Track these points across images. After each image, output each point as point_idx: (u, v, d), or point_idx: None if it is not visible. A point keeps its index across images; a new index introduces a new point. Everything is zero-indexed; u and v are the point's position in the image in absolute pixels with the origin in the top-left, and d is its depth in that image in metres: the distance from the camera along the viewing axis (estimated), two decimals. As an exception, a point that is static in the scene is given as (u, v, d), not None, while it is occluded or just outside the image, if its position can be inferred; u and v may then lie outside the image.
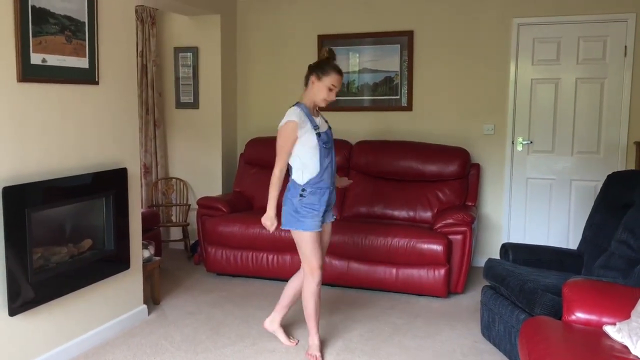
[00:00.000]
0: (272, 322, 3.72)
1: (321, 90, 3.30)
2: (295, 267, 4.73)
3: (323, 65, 3.32)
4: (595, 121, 5.12)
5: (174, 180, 6.02)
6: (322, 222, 3.39)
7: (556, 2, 5.08)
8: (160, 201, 5.99)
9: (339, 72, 3.34)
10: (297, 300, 3.66)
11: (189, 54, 5.88)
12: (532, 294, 3.12)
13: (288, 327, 3.89)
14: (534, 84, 5.25)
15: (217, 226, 4.96)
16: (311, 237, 3.32)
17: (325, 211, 3.40)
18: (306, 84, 3.39)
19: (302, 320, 3.80)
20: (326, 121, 3.48)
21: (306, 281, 3.41)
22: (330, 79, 3.28)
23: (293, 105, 3.33)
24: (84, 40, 3.40)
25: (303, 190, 3.29)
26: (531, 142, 5.31)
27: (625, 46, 4.96)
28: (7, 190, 2.91)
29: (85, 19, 3.39)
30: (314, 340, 3.48)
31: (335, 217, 3.62)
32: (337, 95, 3.39)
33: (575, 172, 5.22)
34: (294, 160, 3.33)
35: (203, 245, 5.12)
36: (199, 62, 5.85)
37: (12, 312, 2.99)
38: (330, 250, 4.69)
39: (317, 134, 3.27)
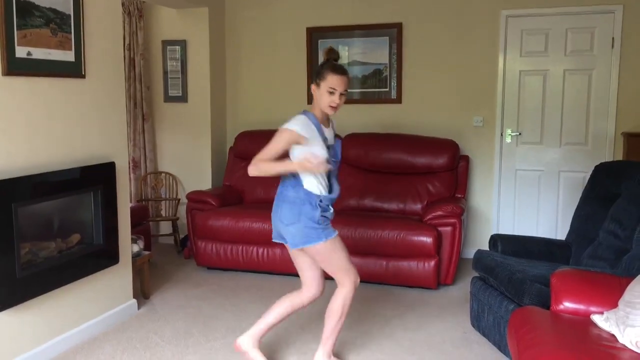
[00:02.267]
0: (249, 341, 3.22)
1: (322, 96, 2.96)
2: (285, 259, 4.73)
3: (319, 69, 3.00)
4: (583, 112, 5.15)
5: (163, 174, 6.00)
6: None
7: (544, -7, 5.09)
8: (150, 195, 5.97)
9: (339, 71, 2.97)
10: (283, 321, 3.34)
11: (177, 47, 5.84)
12: (520, 284, 3.14)
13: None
14: (522, 76, 5.27)
15: (207, 220, 4.95)
16: (339, 241, 3.05)
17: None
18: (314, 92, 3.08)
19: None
20: (335, 134, 3.18)
21: (350, 291, 3.09)
22: (327, 82, 2.93)
23: (300, 113, 3.01)
24: (70, 33, 3.37)
25: (320, 201, 2.97)
26: (520, 134, 5.33)
27: (613, 38, 4.98)
28: (-7, 185, 2.88)
29: (70, 11, 3.36)
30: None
31: None
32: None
33: (563, 163, 5.25)
34: (308, 174, 2.97)
35: (193, 240, 5.11)
36: (188, 55, 5.81)
37: (0, 307, 2.96)
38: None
39: (327, 146, 2.98)
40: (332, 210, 3.07)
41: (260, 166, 2.91)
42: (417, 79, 5.51)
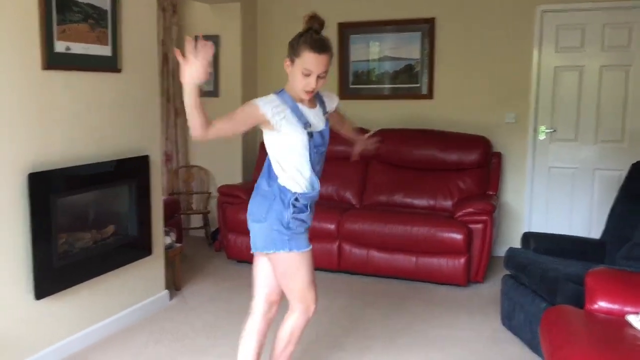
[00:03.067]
0: None
1: (296, 77, 2.36)
2: (315, 254, 4.78)
3: (295, 41, 2.39)
4: (620, 109, 5.03)
5: (194, 168, 6.07)
6: None
7: (581, -12, 5.00)
8: (181, 189, 6.04)
9: (318, 48, 2.33)
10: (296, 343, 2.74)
11: (210, 42, 5.87)
12: (553, 283, 3.10)
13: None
14: (557, 72, 5.18)
15: (237, 214, 4.99)
16: (308, 258, 2.52)
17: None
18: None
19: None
20: (326, 115, 2.57)
21: (300, 318, 2.60)
22: (302, 61, 2.33)
23: (274, 92, 2.47)
24: (107, 28, 3.43)
25: (296, 199, 2.44)
26: (554, 131, 5.24)
27: (652, 33, 4.87)
28: (33, 176, 2.96)
29: (108, 7, 3.42)
30: None
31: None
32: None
33: (598, 161, 5.15)
34: (281, 164, 2.47)
35: (224, 233, 5.16)
36: (220, 50, 5.86)
37: (38, 295, 3.05)
38: (350, 239, 4.71)
39: (308, 133, 2.42)
40: (309, 212, 2.51)
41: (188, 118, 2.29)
42: (449, 75, 5.46)
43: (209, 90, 5.95)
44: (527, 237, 3.93)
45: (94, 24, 3.32)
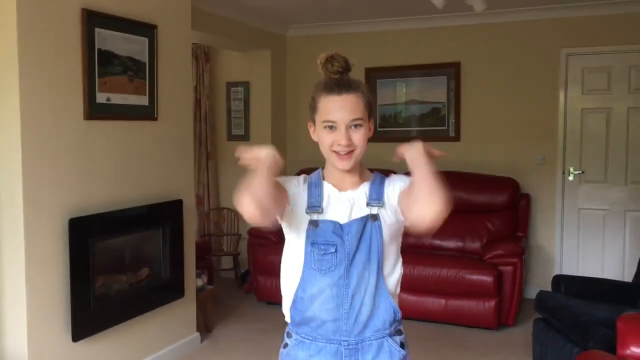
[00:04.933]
0: None
1: (321, 139, 1.65)
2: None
3: (313, 93, 1.71)
4: (649, 150, 5.02)
5: (225, 210, 6.18)
6: None
7: (605, 32, 5.05)
8: (212, 231, 6.15)
9: (337, 88, 1.65)
10: None
11: (240, 88, 6.08)
12: (585, 328, 3.07)
13: None
14: (584, 113, 5.20)
15: (267, 255, 5.05)
16: None
17: None
18: None
19: None
20: (376, 199, 1.63)
21: None
22: (321, 113, 1.64)
23: None
24: (144, 79, 3.60)
25: (288, 334, 1.70)
26: (583, 172, 5.23)
27: (679, 74, 4.88)
28: (74, 221, 3.09)
29: (146, 59, 3.60)
30: None
31: None
32: (379, 127, 1.78)
33: (630, 202, 5.11)
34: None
35: (253, 274, 5.22)
36: (250, 96, 6.04)
37: (75, 337, 3.14)
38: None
39: (310, 221, 1.61)
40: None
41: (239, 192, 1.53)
42: (476, 117, 5.53)
43: (240, 135, 6.11)
44: (558, 279, 3.90)
45: (132, 76, 3.49)
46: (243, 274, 5.87)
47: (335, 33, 5.97)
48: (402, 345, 1.69)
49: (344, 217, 1.60)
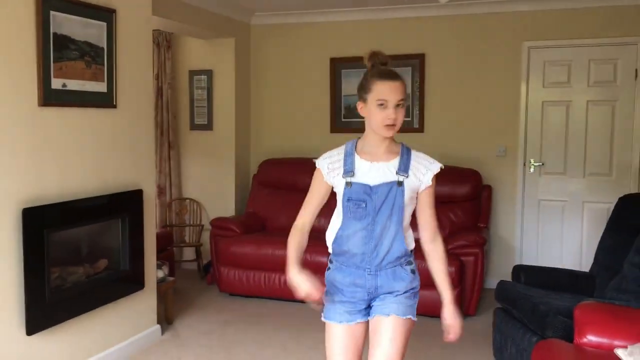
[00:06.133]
0: None
1: (372, 114, 2.13)
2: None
3: (363, 80, 2.19)
4: (607, 143, 5.13)
5: (187, 200, 6.09)
6: (362, 315, 2.22)
7: (566, 26, 5.13)
8: (174, 221, 6.06)
9: (389, 76, 2.14)
10: None
11: (203, 76, 5.98)
12: (543, 317, 3.12)
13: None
14: (545, 106, 5.28)
15: (230, 247, 5.01)
16: (331, 332, 2.23)
17: (372, 299, 2.21)
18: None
19: None
20: (404, 170, 2.19)
21: None
22: (375, 93, 2.11)
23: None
24: (103, 65, 3.50)
25: (330, 261, 2.29)
26: (543, 164, 5.32)
27: (636, 69, 4.99)
28: (27, 211, 2.98)
29: (104, 44, 3.49)
30: None
31: (396, 311, 2.21)
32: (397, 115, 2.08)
33: (587, 194, 5.22)
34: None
35: (216, 266, 5.16)
36: (213, 84, 5.95)
37: (30, 331, 3.04)
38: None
39: (346, 183, 2.16)
40: (358, 291, 2.20)
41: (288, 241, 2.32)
42: (440, 109, 5.56)
43: (203, 124, 6.01)
44: (518, 270, 3.96)
45: (90, 62, 3.39)
46: (205, 265, 5.80)
47: (300, 22, 5.92)
48: (412, 272, 2.26)
49: (375, 180, 2.14)
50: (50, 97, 3.13)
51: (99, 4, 3.44)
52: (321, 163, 2.24)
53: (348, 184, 2.15)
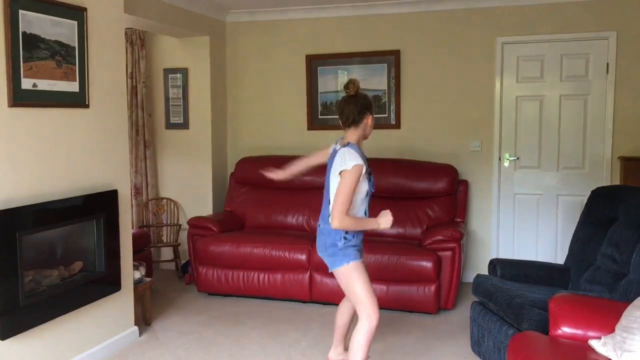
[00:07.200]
0: (338, 354, 3.50)
1: (369, 125, 3.15)
2: (285, 285, 4.78)
3: (368, 102, 3.16)
4: (580, 137, 5.21)
5: (164, 200, 6.04)
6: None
7: (538, 21, 5.19)
8: (151, 221, 6.00)
9: None
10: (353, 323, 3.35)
11: (178, 75, 5.93)
12: (519, 309, 3.16)
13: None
14: (519, 101, 5.34)
15: (208, 246, 4.98)
16: (358, 266, 3.08)
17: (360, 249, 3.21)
18: (357, 124, 3.09)
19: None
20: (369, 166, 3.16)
21: (362, 329, 3.09)
22: (371, 110, 3.17)
23: (344, 146, 3.07)
24: (74, 64, 3.45)
25: (347, 232, 3.06)
26: (518, 158, 5.38)
27: (607, 63, 5.06)
28: (-2, 214, 2.93)
29: (75, 43, 3.44)
30: None
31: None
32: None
33: (561, 187, 5.29)
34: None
35: (194, 265, 5.13)
36: (189, 82, 5.90)
37: (4, 335, 2.99)
38: (321, 268, 4.73)
39: (369, 176, 3.11)
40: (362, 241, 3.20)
41: (345, 223, 2.95)
42: (416, 105, 5.59)
43: (179, 123, 5.96)
44: (494, 263, 4.00)
45: (61, 61, 3.34)
46: (184, 265, 5.76)
47: (276, 19, 5.90)
48: None
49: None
50: (20, 98, 3.08)
51: (69, 3, 3.39)
52: (360, 162, 2.95)
53: (369, 177, 3.09)
